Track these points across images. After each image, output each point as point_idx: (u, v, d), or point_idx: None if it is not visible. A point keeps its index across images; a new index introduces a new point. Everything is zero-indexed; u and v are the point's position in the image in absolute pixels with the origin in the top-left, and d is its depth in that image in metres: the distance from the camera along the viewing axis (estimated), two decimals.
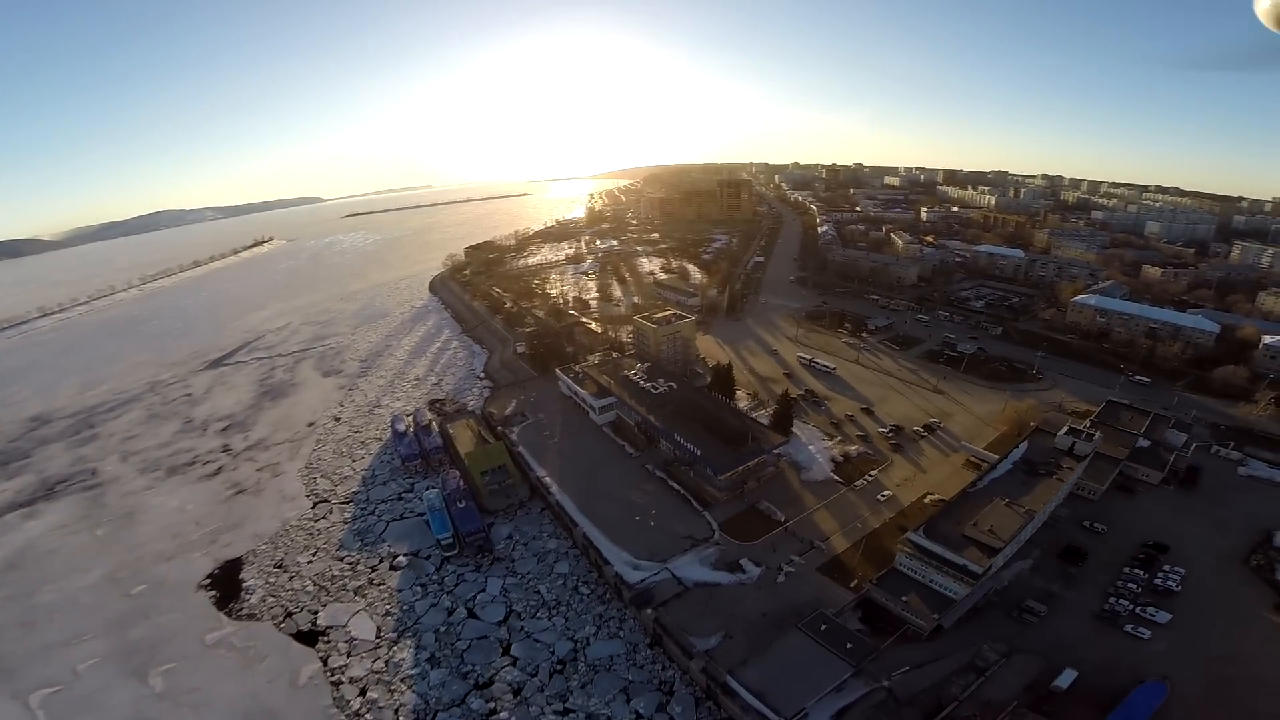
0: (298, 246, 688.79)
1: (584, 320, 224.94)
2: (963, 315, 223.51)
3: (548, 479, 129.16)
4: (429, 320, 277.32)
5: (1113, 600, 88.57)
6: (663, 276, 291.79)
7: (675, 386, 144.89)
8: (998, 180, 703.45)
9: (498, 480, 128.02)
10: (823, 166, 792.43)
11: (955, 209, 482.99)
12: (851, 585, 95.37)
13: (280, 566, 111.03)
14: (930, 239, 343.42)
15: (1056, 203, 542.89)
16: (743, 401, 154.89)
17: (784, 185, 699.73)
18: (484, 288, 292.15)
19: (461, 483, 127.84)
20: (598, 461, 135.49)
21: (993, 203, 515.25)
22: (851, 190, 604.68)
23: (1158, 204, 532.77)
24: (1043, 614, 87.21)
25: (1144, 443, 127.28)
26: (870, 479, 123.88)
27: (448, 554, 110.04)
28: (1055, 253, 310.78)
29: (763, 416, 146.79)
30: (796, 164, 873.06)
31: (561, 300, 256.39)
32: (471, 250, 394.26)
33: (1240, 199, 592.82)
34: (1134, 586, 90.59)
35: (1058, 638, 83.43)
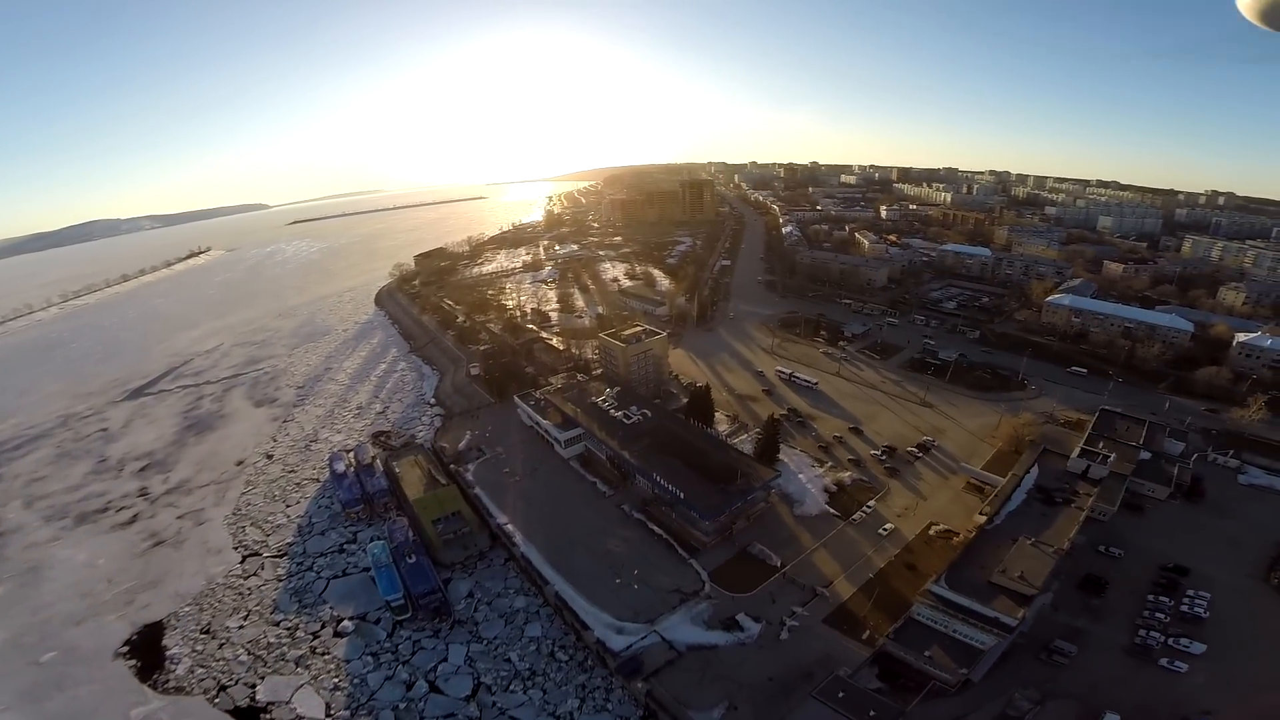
0: (237, 257, 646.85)
1: (544, 335, 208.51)
2: (938, 318, 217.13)
3: (510, 526, 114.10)
4: (374, 338, 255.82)
5: (1143, 633, 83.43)
6: (627, 284, 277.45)
7: (650, 414, 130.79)
8: (949, 177, 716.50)
9: (452, 529, 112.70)
10: (780, 165, 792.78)
11: (913, 207, 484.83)
12: (863, 638, 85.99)
13: (208, 632, 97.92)
14: (894, 238, 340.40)
15: (1009, 198, 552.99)
16: (722, 425, 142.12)
17: (744, 185, 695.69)
18: (434, 300, 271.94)
19: (411, 533, 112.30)
20: (566, 503, 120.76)
21: (948, 200, 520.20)
22: (810, 189, 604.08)
23: (1104, 199, 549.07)
24: (1072, 654, 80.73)
25: (1144, 454, 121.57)
26: (869, 510, 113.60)
27: (400, 618, 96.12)
28: (1017, 250, 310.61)
29: (745, 442, 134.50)
30: (754, 163, 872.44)
31: (519, 313, 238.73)
32: (421, 258, 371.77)
33: (1177, 193, 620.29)
34: (1162, 616, 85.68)
35: (1092, 678, 77.85)
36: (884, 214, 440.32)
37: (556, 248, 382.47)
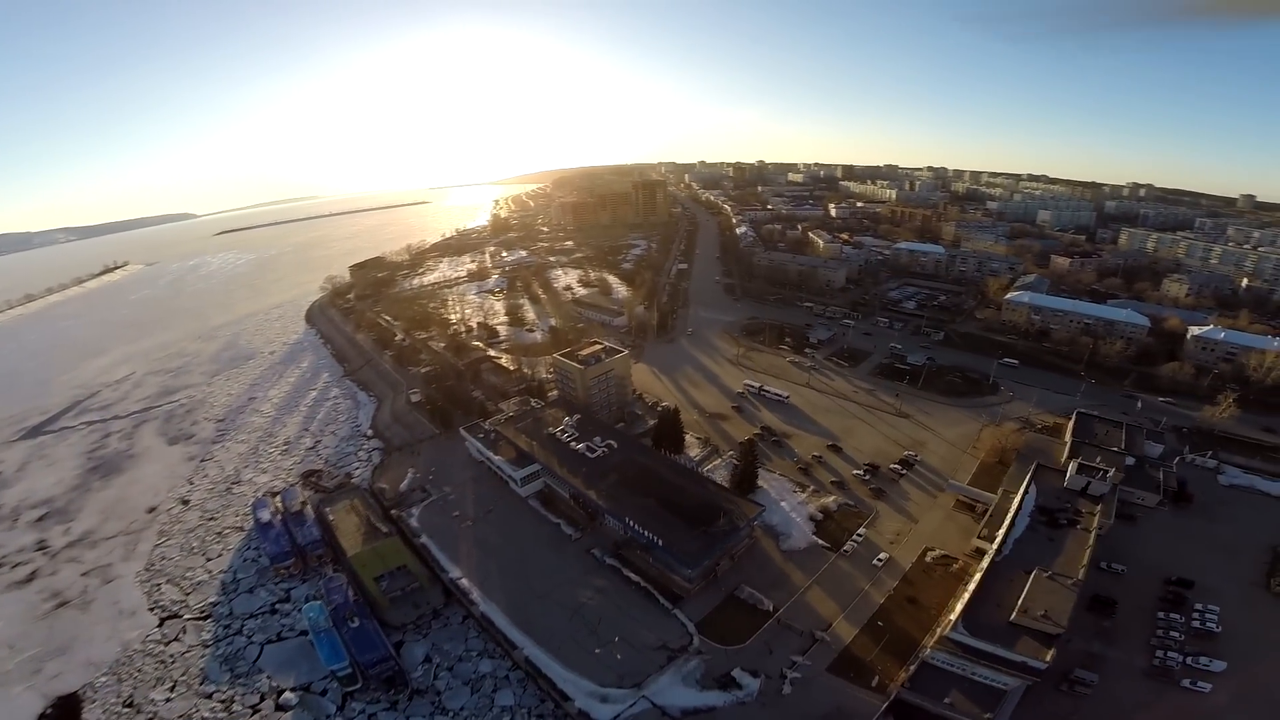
0: (156, 272, 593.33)
1: (492, 354, 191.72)
2: (901, 319, 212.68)
3: (465, 581, 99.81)
4: (304, 361, 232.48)
5: (1160, 653, 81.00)
6: (582, 292, 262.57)
7: (615, 445, 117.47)
8: (891, 174, 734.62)
9: (399, 585, 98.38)
10: (729, 165, 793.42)
11: (861, 204, 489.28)
12: (874, 685, 78.77)
13: (131, 705, 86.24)
14: (847, 237, 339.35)
15: (950, 194, 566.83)
16: (693, 450, 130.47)
17: (694, 185, 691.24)
18: (370, 316, 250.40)
19: (351, 591, 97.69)
20: (528, 550, 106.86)
21: (894, 197, 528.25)
22: (759, 188, 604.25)
23: (1038, 192, 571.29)
24: (1094, 683, 76.89)
25: (1128, 459, 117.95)
26: (860, 539, 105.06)
27: (349, 689, 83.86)
28: (966, 245, 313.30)
29: (719, 468, 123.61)
30: (703, 163, 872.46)
31: (464, 328, 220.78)
32: (357, 269, 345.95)
33: (1103, 185, 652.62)
34: (1176, 635, 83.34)
35: (1117, 707, 74.74)
36: (834, 212, 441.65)
37: (504, 254, 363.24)
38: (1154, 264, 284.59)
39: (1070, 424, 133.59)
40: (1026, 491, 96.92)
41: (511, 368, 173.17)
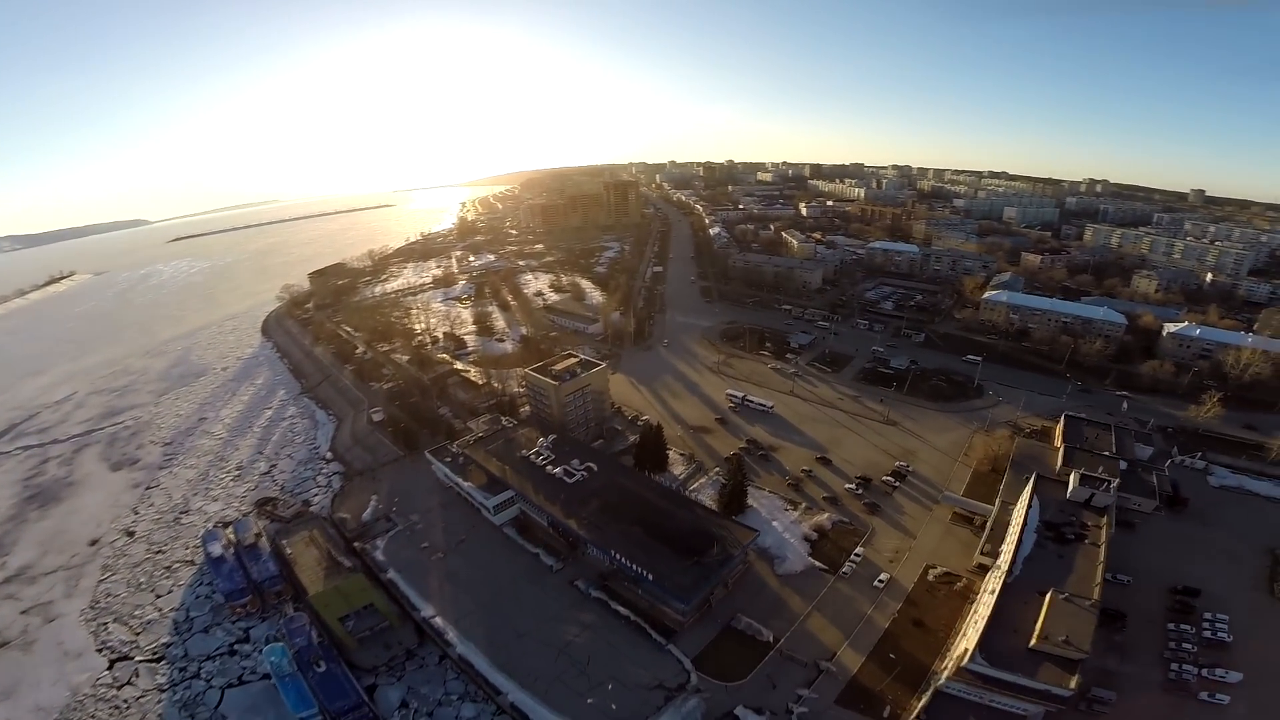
0: (105, 282, 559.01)
1: (459, 367, 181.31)
2: (880, 321, 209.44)
3: (440, 620, 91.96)
4: (259, 377, 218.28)
5: (1175, 667, 79.48)
6: (554, 298, 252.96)
7: (595, 468, 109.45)
8: (857, 172, 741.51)
9: (367, 625, 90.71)
10: (699, 165, 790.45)
11: (830, 203, 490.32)
12: (885, 716, 75.31)
13: None
14: (819, 236, 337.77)
15: (916, 192, 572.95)
16: (677, 467, 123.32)
17: (666, 185, 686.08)
18: (330, 327, 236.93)
19: (315, 632, 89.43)
20: (506, 584, 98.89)
21: (862, 195, 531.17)
22: (730, 187, 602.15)
23: (1001, 189, 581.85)
24: (1113, 700, 74.78)
25: (1121, 463, 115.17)
26: (858, 559, 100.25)
27: None
28: (937, 244, 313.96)
29: (705, 486, 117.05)
30: (674, 163, 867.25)
31: (429, 339, 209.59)
32: (317, 276, 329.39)
33: (1061, 181, 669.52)
34: (1189, 646, 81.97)
35: None
36: (805, 211, 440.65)
37: (471, 259, 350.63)
38: (1120, 260, 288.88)
39: (1060, 428, 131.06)
40: (1030, 506, 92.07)
41: (480, 382, 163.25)
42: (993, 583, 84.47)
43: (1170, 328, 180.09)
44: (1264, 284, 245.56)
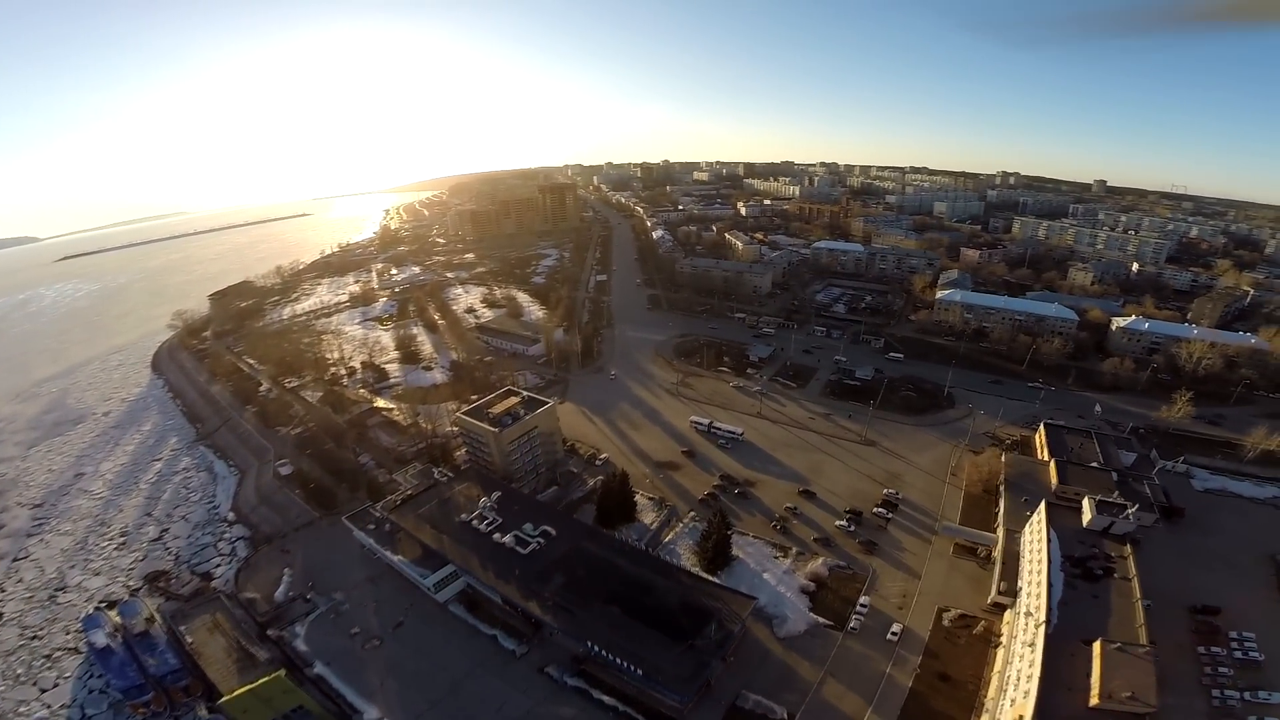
0: None
1: (381, 405, 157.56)
2: (837, 327, 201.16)
3: None
4: (147, 422, 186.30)
5: (1217, 693, 74.85)
6: (487, 315, 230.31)
7: (553, 533, 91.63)
8: (788, 170, 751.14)
9: None
10: (636, 165, 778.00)
11: (768, 201, 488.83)
12: None
13: None
14: (761, 237, 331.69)
15: (847, 189, 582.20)
16: (647, 515, 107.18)
17: (603, 186, 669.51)
18: (229, 359, 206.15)
19: None
20: (462, 675, 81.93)
21: (796, 193, 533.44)
22: (669, 188, 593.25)
23: (926, 184, 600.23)
24: None
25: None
26: (864, 610, 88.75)
27: None
28: (878, 241, 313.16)
29: (681, 535, 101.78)
30: (610, 164, 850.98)
31: (344, 370, 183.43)
32: (217, 298, 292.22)
33: (977, 175, 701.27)
34: (1226, 670, 77.54)
35: None
36: (744, 211, 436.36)
37: (393, 272, 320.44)
38: (1050, 252, 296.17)
39: (1041, 437, 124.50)
40: (1049, 540, 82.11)
41: (406, 422, 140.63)
42: (1027, 633, 74.57)
43: (1119, 322, 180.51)
44: (1184, 272, 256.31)
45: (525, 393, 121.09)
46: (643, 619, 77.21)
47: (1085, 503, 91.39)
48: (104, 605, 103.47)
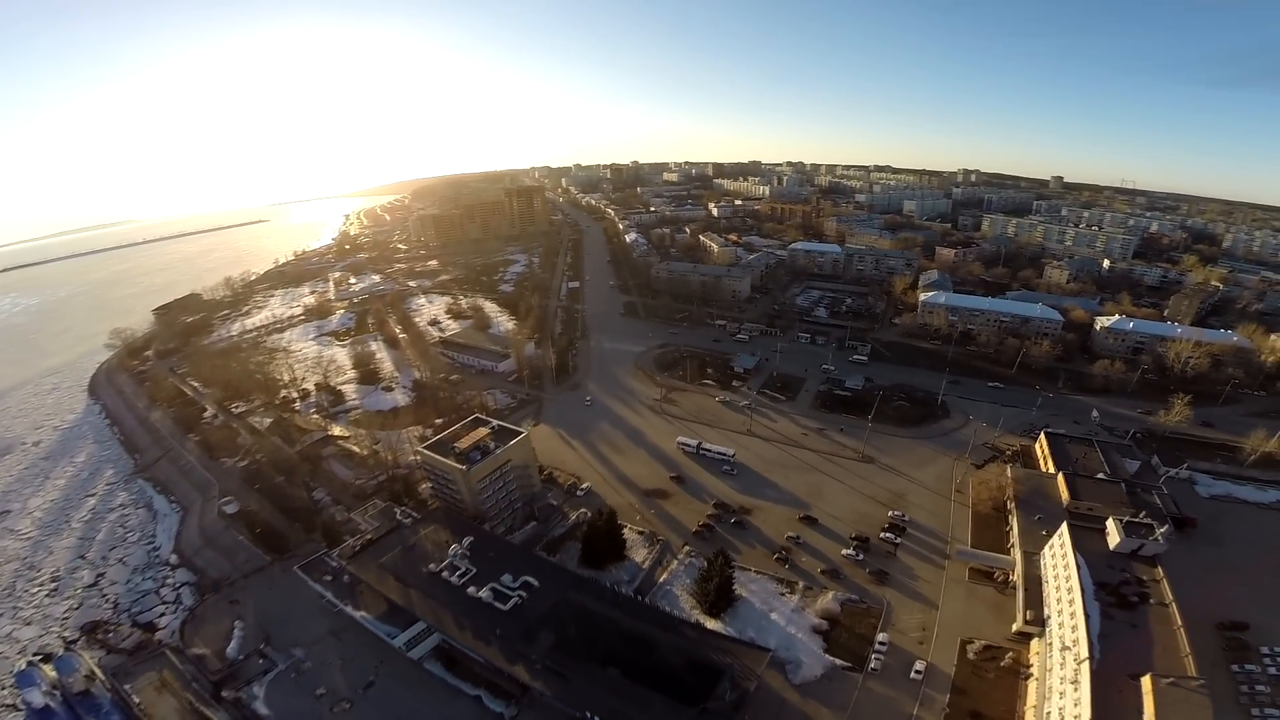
0: None
1: (336, 433, 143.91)
2: (821, 332, 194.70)
3: None
4: (80, 453, 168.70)
5: (1257, 712, 72.06)
6: (453, 327, 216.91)
7: (536, 584, 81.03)
8: (756, 170, 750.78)
9: None
10: (606, 166, 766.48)
11: (739, 202, 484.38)
12: None
13: None
14: (735, 238, 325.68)
15: (816, 189, 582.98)
16: (638, 551, 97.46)
17: (572, 189, 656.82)
18: (171, 382, 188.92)
19: None
20: None
21: (766, 193, 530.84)
22: (639, 189, 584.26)
23: (893, 183, 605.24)
24: None
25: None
26: (884, 648, 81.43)
27: None
28: (852, 241, 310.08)
29: (678, 574, 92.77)
30: (579, 166, 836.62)
31: (297, 393, 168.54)
32: (162, 313, 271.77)
33: (940, 172, 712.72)
34: (1264, 689, 74.90)
35: None
36: (716, 211, 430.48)
37: (352, 281, 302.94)
38: (1022, 250, 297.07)
39: (1042, 447, 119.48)
40: (1079, 567, 75.58)
41: (364, 452, 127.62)
42: (1067, 668, 68.12)
43: (1102, 321, 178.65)
44: (1153, 268, 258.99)
45: (496, 422, 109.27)
46: (646, 681, 67.92)
47: (1111, 524, 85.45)
48: (38, 659, 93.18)
